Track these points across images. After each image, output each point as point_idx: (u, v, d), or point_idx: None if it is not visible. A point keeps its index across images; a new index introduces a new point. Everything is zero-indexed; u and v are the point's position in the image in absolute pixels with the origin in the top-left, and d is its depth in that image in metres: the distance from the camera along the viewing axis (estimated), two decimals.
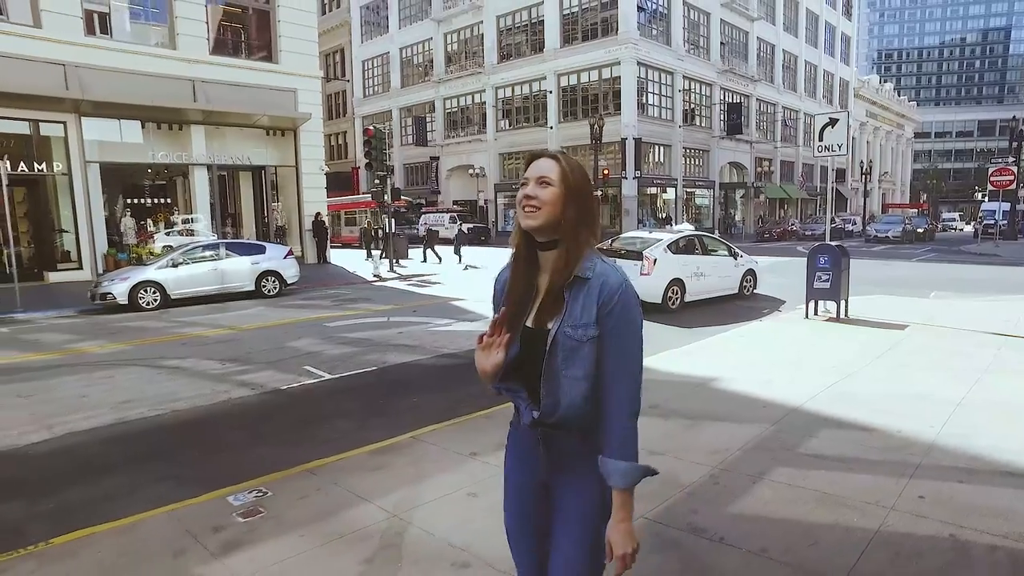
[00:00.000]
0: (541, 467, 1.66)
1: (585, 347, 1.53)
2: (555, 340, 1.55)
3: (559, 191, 1.55)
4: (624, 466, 1.51)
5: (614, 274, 1.57)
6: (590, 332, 1.53)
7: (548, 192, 1.55)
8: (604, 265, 1.58)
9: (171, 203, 20.49)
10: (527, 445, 1.68)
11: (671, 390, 5.70)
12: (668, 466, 3.95)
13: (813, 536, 3.03)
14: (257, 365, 7.27)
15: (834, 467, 3.87)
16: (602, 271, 1.57)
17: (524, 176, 1.62)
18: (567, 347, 1.54)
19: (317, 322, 10.21)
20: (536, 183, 1.57)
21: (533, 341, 1.59)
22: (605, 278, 1.55)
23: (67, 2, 16.25)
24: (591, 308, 1.54)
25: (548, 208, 1.55)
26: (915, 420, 4.59)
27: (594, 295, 1.54)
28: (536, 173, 1.58)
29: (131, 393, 6.24)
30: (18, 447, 4.91)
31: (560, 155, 1.62)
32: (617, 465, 1.51)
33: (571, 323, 1.54)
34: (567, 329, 1.54)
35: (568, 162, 1.60)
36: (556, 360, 1.55)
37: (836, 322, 8.99)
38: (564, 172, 1.57)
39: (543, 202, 1.55)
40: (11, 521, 3.73)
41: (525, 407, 1.64)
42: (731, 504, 3.43)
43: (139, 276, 12.17)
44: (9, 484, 4.28)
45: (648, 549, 2.99)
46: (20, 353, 8.34)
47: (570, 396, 1.56)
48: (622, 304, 1.54)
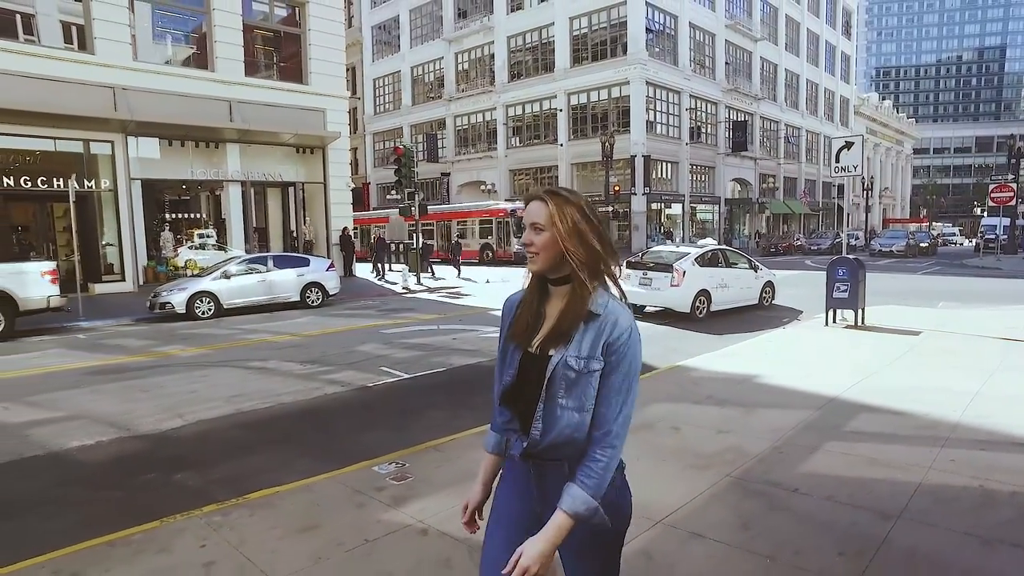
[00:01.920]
0: (534, 500, 1.68)
1: (584, 379, 1.56)
2: (556, 369, 1.57)
3: (550, 235, 1.57)
4: (586, 499, 1.52)
5: (624, 314, 1.60)
6: (593, 366, 1.56)
7: (542, 238, 1.58)
8: (616, 304, 1.61)
9: (205, 218, 21.40)
10: (521, 478, 1.71)
11: (720, 384, 6.47)
12: (737, 440, 4.73)
13: (868, 487, 3.80)
14: (336, 366, 8.05)
15: (876, 441, 4.65)
16: (614, 309, 1.59)
17: (525, 220, 1.65)
18: (568, 378, 1.56)
19: (373, 329, 11.00)
20: (530, 229, 1.60)
21: (533, 367, 1.62)
22: (616, 317, 1.58)
23: (117, 29, 17.20)
24: (598, 343, 1.57)
25: (545, 252, 1.58)
26: (939, 407, 5.37)
27: (604, 331, 1.57)
28: (529, 219, 1.61)
29: (234, 389, 7.01)
30: (162, 431, 5.66)
31: (549, 195, 1.61)
32: (581, 495, 1.52)
33: (576, 354, 1.57)
34: (571, 360, 1.56)
35: (557, 202, 1.59)
36: (555, 388, 1.57)
37: (855, 329, 9.75)
38: (552, 215, 1.57)
39: (539, 247, 1.58)
40: (191, 486, 4.48)
41: (516, 439, 1.68)
42: (796, 467, 4.20)
43: (196, 287, 12.96)
44: (171, 459, 5.02)
45: (741, 496, 3.77)
46: (113, 356, 9.10)
47: (561, 425, 1.58)
48: (629, 345, 1.57)
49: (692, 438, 4.85)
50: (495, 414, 1.79)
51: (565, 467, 1.60)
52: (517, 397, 1.66)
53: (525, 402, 1.64)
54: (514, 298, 1.75)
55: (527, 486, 1.69)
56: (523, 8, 38.86)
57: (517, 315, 1.71)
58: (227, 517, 3.70)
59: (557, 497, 1.56)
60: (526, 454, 1.65)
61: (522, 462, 1.67)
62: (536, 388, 1.59)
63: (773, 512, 3.55)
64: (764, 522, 3.43)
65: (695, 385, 6.51)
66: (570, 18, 36.35)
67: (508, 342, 1.72)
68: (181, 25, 19.98)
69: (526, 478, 1.69)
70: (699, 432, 4.99)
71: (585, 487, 1.52)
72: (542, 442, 1.60)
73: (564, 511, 1.50)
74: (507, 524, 1.72)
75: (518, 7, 39.17)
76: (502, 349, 1.75)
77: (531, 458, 1.65)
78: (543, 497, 1.65)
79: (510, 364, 1.68)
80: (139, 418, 5.98)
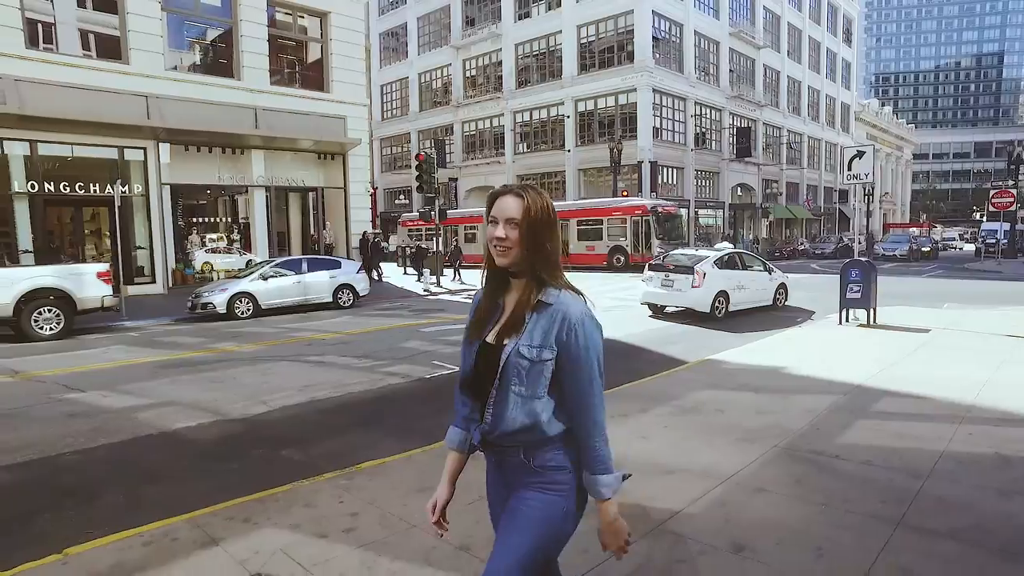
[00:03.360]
0: (499, 484, 1.83)
1: (537, 367, 1.63)
2: (510, 358, 1.64)
3: (524, 230, 1.64)
4: (605, 479, 1.67)
5: (576, 305, 1.66)
6: (545, 355, 1.63)
7: (517, 232, 1.64)
8: (568, 295, 1.67)
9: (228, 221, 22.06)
10: (491, 466, 1.86)
11: (751, 375, 7.08)
12: (777, 420, 5.34)
13: (899, 455, 4.41)
14: (390, 360, 8.66)
15: (901, 419, 5.27)
16: (564, 300, 1.65)
17: (491, 214, 1.68)
18: (520, 366, 1.63)
19: (412, 328, 11.62)
20: (505, 224, 1.64)
21: (489, 356, 1.69)
22: (566, 308, 1.64)
23: (150, 40, 17.84)
24: (550, 332, 1.63)
25: (518, 247, 1.64)
26: (955, 392, 5.99)
27: (556, 321, 1.63)
28: (504, 214, 1.65)
29: (303, 380, 7.61)
30: (251, 415, 6.27)
31: (524, 192, 1.67)
32: (599, 480, 1.66)
33: (527, 343, 1.63)
34: (523, 348, 1.63)
35: (532, 199, 1.65)
36: (508, 376, 1.64)
37: (867, 327, 10.37)
38: (527, 210, 1.63)
39: (513, 242, 1.64)
40: (298, 460, 5.07)
41: (475, 428, 1.78)
42: (834, 439, 4.81)
43: (235, 288, 13.56)
44: (271, 439, 5.62)
45: (790, 462, 4.39)
46: (174, 352, 9.71)
47: (515, 413, 1.65)
48: (582, 332, 1.63)
49: (736, 418, 5.47)
50: (457, 406, 1.88)
51: (520, 453, 1.70)
52: (476, 386, 1.74)
53: (481, 391, 1.72)
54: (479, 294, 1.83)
55: (494, 472, 1.84)
56: (531, 16, 39.60)
57: (477, 307, 1.79)
58: (351, 481, 4.30)
59: (517, 481, 1.73)
60: (484, 442, 1.74)
61: (483, 450, 1.79)
62: (492, 377, 1.67)
63: (820, 473, 4.17)
64: (813, 480, 4.05)
65: (729, 375, 7.13)
66: (578, 26, 37.06)
67: (468, 333, 1.80)
68: (209, 35, 20.62)
69: (492, 465, 1.83)
70: (742, 413, 5.60)
71: (597, 467, 1.67)
72: (495, 430, 1.68)
73: (603, 500, 1.67)
74: (492, 509, 1.91)
75: (526, 15, 39.91)
76: (464, 340, 1.82)
77: (489, 445, 1.75)
78: (504, 481, 1.79)
79: (469, 354, 1.77)
80: (226, 405, 6.58)
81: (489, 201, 1.71)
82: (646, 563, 3.05)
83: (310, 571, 3.06)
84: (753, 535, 3.30)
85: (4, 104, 15.32)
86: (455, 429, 1.91)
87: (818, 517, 3.51)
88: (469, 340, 1.78)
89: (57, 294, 11.13)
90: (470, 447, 1.86)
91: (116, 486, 4.57)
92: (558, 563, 1.90)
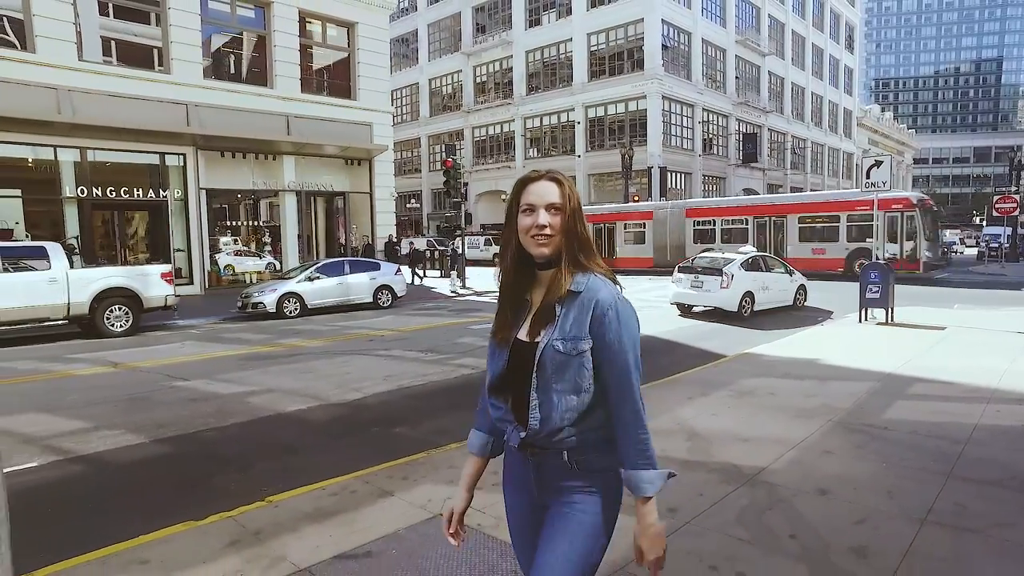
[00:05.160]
0: (532, 489, 1.68)
1: (575, 360, 1.54)
2: (544, 353, 1.55)
3: (566, 216, 1.57)
4: (648, 475, 1.54)
5: (605, 288, 1.57)
6: (580, 346, 1.54)
7: (558, 220, 1.56)
8: (596, 279, 1.58)
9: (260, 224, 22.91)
10: (519, 467, 1.71)
11: (790, 365, 7.85)
12: (824, 401, 6.10)
13: (939, 427, 5.17)
14: (454, 354, 9.41)
15: (934, 400, 6.04)
16: (593, 285, 1.57)
17: (527, 201, 1.59)
18: (556, 360, 1.54)
19: (460, 326, 12.38)
20: (547, 211, 1.56)
21: (523, 354, 1.60)
22: (596, 293, 1.56)
23: (192, 51, 18.63)
24: (583, 321, 1.54)
25: (559, 235, 1.57)
26: (978, 378, 6.76)
27: (587, 308, 1.55)
28: (544, 200, 1.57)
29: (383, 371, 8.36)
30: (349, 400, 7.01)
31: (561, 176, 1.62)
32: (641, 475, 1.54)
33: (561, 336, 1.55)
34: (556, 343, 1.54)
35: (569, 183, 1.60)
36: (546, 373, 1.55)
37: (886, 326, 11.12)
38: (567, 195, 1.58)
39: (555, 230, 1.56)
40: (414, 436, 5.77)
41: (512, 429, 1.65)
42: (879, 415, 5.57)
43: (284, 288, 14.31)
44: (377, 419, 6.36)
45: (845, 432, 5.15)
46: (243, 347, 10.44)
47: (560, 411, 1.55)
48: (616, 316, 1.55)
49: (789, 399, 6.23)
50: (482, 410, 1.80)
51: (564, 456, 1.60)
52: (508, 387, 1.65)
53: (517, 392, 1.62)
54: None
55: (524, 476, 1.69)
56: (541, 24, 40.45)
57: (501, 305, 1.70)
58: None
59: (556, 485, 1.62)
60: (524, 444, 1.63)
61: (520, 452, 1.66)
62: (527, 376, 1.58)
63: (874, 440, 4.93)
64: (870, 445, 4.81)
65: (770, 366, 7.89)
66: (588, 34, 37.91)
67: (495, 333, 1.70)
68: (243, 46, 21.41)
69: (524, 467, 1.68)
70: (792, 396, 6.36)
71: (640, 462, 1.55)
72: (542, 431, 1.58)
73: (645, 498, 1.54)
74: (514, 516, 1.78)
75: (536, 23, 40.77)
76: (491, 341, 1.73)
77: (529, 447, 1.63)
78: (541, 485, 1.66)
79: (499, 355, 1.67)
80: (323, 392, 7.32)
81: (518, 188, 1.63)
82: (751, 504, 3.81)
83: (483, 511, 3.80)
84: (831, 484, 4.06)
85: (59, 113, 16.09)
86: (477, 433, 1.85)
87: (881, 471, 4.27)
88: (497, 340, 1.69)
89: (126, 293, 11.88)
90: (493, 451, 1.82)
91: (263, 456, 5.31)
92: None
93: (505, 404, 1.66)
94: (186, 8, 18.44)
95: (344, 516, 3.82)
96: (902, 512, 3.63)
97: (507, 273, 1.67)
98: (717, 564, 3.09)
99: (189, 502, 4.26)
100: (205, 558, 3.34)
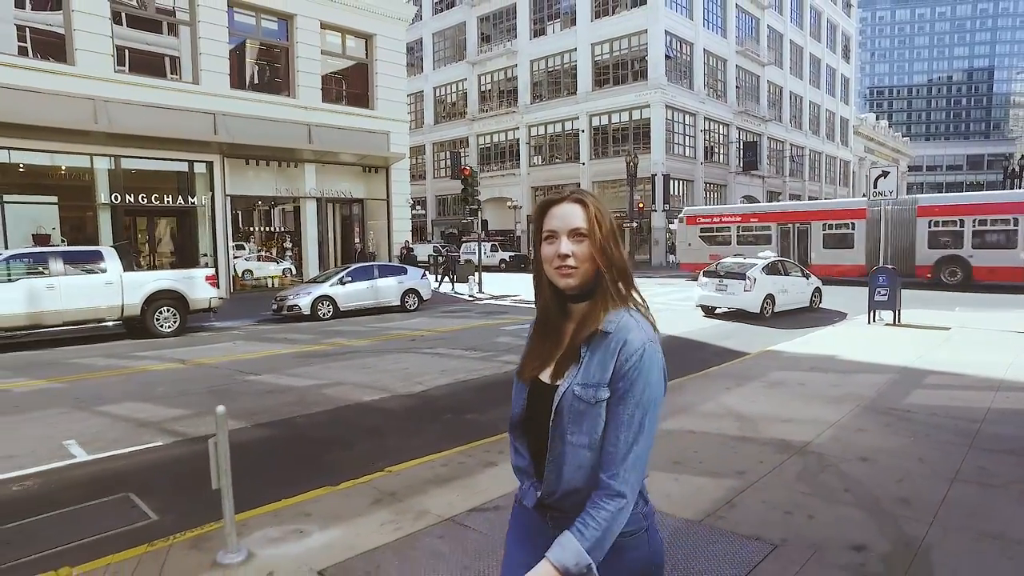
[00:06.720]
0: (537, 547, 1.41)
1: (593, 411, 1.35)
2: (563, 400, 1.38)
3: (596, 242, 1.38)
4: (579, 552, 1.29)
5: (637, 331, 1.37)
6: (600, 394, 1.35)
7: (584, 247, 1.38)
8: (630, 319, 1.39)
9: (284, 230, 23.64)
10: (530, 525, 1.53)
11: (812, 360, 8.56)
12: (849, 390, 6.81)
13: (956, 410, 5.89)
14: (497, 352, 10.09)
15: (948, 388, 6.76)
16: (625, 325, 1.37)
17: (549, 227, 1.41)
18: (575, 409, 1.37)
19: (493, 327, 13.06)
20: (570, 238, 1.38)
21: (543, 398, 1.43)
22: (627, 335, 1.36)
23: (219, 62, 19.31)
24: (607, 366, 1.36)
25: (585, 264, 1.38)
26: (986, 371, 7.49)
27: (613, 352, 1.36)
28: (567, 225, 1.38)
29: (437, 367, 9.02)
30: (415, 392, 7.66)
31: (587, 197, 1.41)
32: (574, 546, 1.29)
33: (582, 381, 1.37)
34: (576, 388, 1.37)
35: (596, 204, 1.41)
36: (562, 422, 1.38)
37: (894, 326, 11.86)
38: (594, 219, 1.38)
39: (580, 259, 1.37)
40: (483, 422, 6.43)
41: (529, 485, 1.50)
42: (901, 401, 6.28)
43: (318, 292, 14.95)
44: (446, 408, 7.01)
45: (873, 414, 5.86)
46: (293, 346, 11.08)
47: (573, 467, 1.38)
48: (640, 369, 1.34)
49: (816, 389, 6.93)
50: (512, 451, 1.57)
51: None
52: (528, 432, 1.50)
53: (536, 439, 1.47)
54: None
55: (535, 534, 1.49)
56: (546, 34, 41.32)
57: (530, 339, 1.55)
58: None
59: None
60: (541, 504, 1.46)
61: (537, 514, 1.49)
62: (545, 424, 1.42)
63: (900, 421, 5.64)
64: (897, 424, 5.51)
65: (794, 361, 8.61)
66: (592, 44, 38.77)
67: (520, 369, 1.55)
68: (267, 56, 22.10)
69: (534, 526, 1.51)
70: (819, 386, 7.06)
71: (581, 538, 1.30)
72: (555, 491, 1.42)
73: (550, 561, 1.29)
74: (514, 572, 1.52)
75: (541, 32, 41.63)
76: (515, 378, 1.57)
77: (548, 510, 1.46)
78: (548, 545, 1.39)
79: (519, 395, 1.53)
80: (389, 384, 7.98)
81: (540, 212, 1.45)
82: (805, 468, 4.50)
83: None
84: (870, 453, 4.76)
85: (96, 123, 16.73)
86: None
87: (911, 444, 4.98)
88: (521, 378, 1.54)
89: (174, 295, 12.51)
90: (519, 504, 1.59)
91: (358, 438, 5.98)
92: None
93: (527, 452, 1.50)
94: (215, 21, 19.13)
95: (462, 481, 4.49)
96: (934, 473, 4.33)
97: (543, 309, 1.50)
98: (791, 510, 3.78)
99: (312, 474, 4.92)
100: (359, 512, 4.00)
